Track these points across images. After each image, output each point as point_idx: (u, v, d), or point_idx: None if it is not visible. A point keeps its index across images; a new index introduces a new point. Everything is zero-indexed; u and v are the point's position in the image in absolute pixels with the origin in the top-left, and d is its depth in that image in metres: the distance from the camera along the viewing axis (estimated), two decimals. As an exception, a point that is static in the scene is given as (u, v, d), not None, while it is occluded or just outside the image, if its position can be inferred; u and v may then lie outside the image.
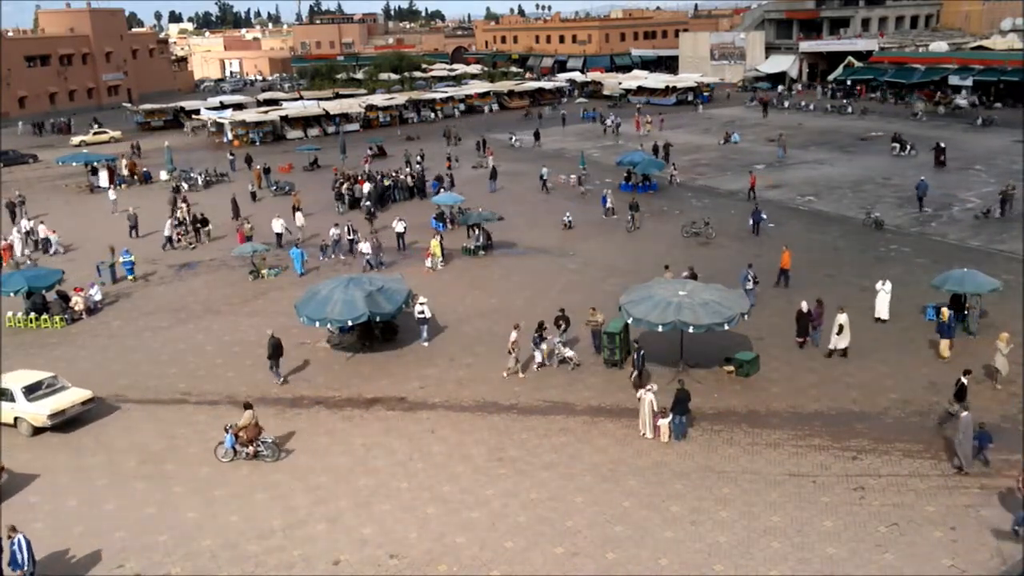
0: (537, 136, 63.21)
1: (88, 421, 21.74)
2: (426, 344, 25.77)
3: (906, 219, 37.58)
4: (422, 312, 25.73)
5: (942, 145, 49.15)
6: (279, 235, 37.60)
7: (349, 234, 35.39)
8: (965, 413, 17.92)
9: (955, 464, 17.98)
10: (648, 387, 20.06)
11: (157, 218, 40.95)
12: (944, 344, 23.26)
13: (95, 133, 72.94)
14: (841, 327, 23.52)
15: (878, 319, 25.80)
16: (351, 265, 33.64)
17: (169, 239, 37.93)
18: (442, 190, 43.96)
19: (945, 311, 23.51)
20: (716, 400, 21.53)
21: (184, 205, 42.28)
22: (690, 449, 19.29)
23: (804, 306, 24.72)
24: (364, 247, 33.33)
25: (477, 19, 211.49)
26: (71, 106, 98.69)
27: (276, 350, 23.48)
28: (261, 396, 22.88)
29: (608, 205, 40.19)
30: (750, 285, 26.96)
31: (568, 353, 23.63)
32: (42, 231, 39.06)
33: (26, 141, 74.86)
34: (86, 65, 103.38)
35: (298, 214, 39.08)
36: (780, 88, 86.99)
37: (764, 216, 36.44)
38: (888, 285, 25.99)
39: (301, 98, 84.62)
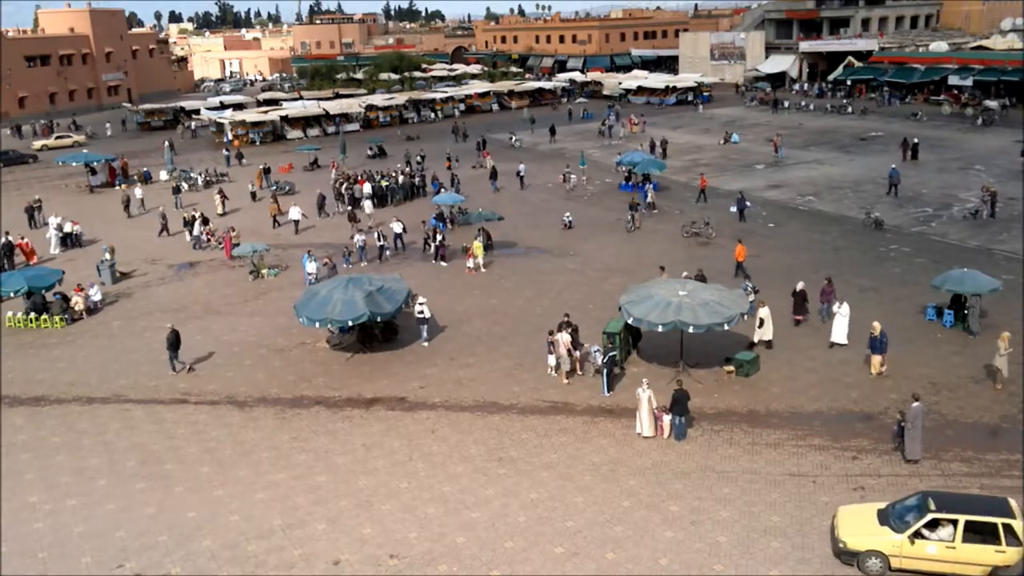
0: (553, 132, 64.42)
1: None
2: (426, 344, 25.77)
3: (906, 219, 37.60)
4: (421, 312, 25.73)
5: (915, 141, 50.62)
6: (296, 222, 39.59)
7: (379, 240, 34.57)
8: (916, 403, 17.96)
9: (906, 457, 18.10)
10: (644, 385, 20.07)
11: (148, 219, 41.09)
12: (875, 360, 22.21)
13: (57, 137, 71.97)
14: (762, 320, 23.91)
15: (833, 344, 24.03)
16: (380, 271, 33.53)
17: (198, 239, 37.70)
18: (443, 190, 43.93)
19: (877, 325, 22.02)
20: (716, 400, 21.53)
21: (219, 197, 43.95)
22: (690, 449, 19.29)
23: (800, 285, 25.87)
24: (309, 266, 31.14)
25: (477, 19, 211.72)
26: (71, 106, 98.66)
27: (173, 342, 24.33)
28: (261, 396, 22.92)
29: (649, 199, 40.76)
30: (751, 297, 26.02)
31: (603, 360, 22.66)
32: (67, 227, 39.20)
33: (4, 143, 74.47)
34: (86, 65, 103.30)
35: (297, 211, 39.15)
36: (795, 88, 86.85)
37: (748, 204, 38.53)
38: (845, 308, 23.91)
39: (301, 98, 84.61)
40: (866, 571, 14.86)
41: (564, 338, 22.87)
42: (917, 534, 14.68)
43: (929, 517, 14.70)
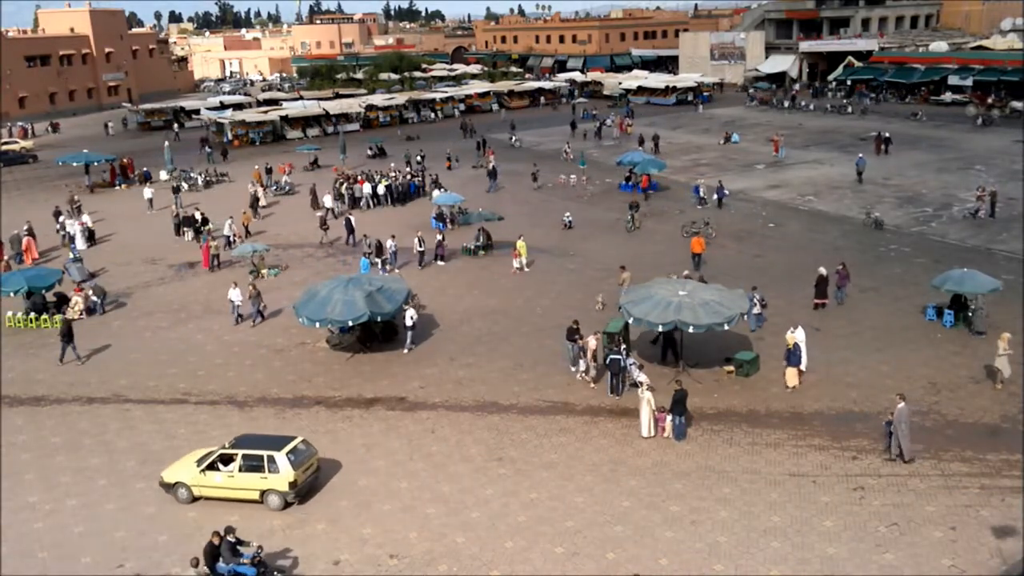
0: (574, 126, 66.26)
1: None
2: (405, 351, 25.31)
3: (906, 219, 37.59)
4: (412, 318, 25.41)
5: (885, 135, 53.10)
6: (330, 210, 41.19)
7: (420, 245, 33.59)
8: (902, 404, 18.02)
9: (895, 454, 18.17)
10: (643, 386, 20.08)
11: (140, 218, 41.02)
12: (791, 372, 21.75)
13: (3, 143, 70.13)
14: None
15: (801, 372, 22.28)
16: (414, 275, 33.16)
17: (228, 239, 37.11)
18: (443, 190, 43.84)
19: (790, 338, 21.77)
20: (716, 400, 21.53)
21: (262, 190, 45.17)
22: (690, 449, 19.29)
23: (823, 271, 26.78)
24: (233, 294, 28.21)
25: (477, 19, 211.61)
26: (71, 106, 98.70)
27: (66, 333, 25.43)
28: (261, 396, 22.91)
29: (701, 195, 41.47)
30: (757, 309, 25.27)
31: (641, 378, 21.39)
32: (76, 226, 39.20)
33: None
34: (86, 65, 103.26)
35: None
36: (795, 87, 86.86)
37: (727, 192, 41.28)
38: (801, 333, 22.36)
39: (301, 98, 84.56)
40: (178, 499, 17.85)
41: (591, 343, 22.72)
42: (210, 467, 17.68)
43: (219, 452, 17.81)
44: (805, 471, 18.13)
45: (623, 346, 22.39)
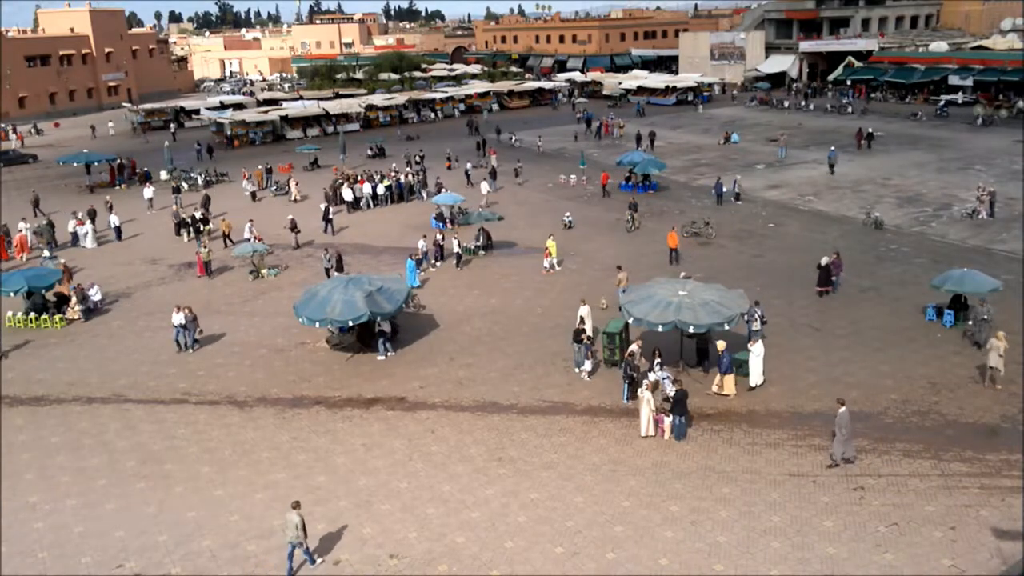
0: (588, 123, 66.72)
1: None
2: (382, 358, 24.96)
3: (906, 219, 37.59)
4: (381, 327, 24.99)
5: (868, 131, 55.19)
6: (348, 204, 42.97)
7: (457, 246, 33.46)
8: (843, 409, 18.08)
9: (842, 457, 18.13)
10: (643, 386, 20.10)
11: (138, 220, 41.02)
12: (727, 380, 21.40)
13: None
14: (582, 319, 24.52)
15: (754, 387, 21.89)
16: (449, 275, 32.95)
17: (247, 242, 36.34)
18: (442, 188, 43.79)
19: (721, 344, 21.31)
20: (716, 400, 21.52)
21: (294, 185, 46.60)
22: (690, 449, 19.29)
23: (824, 260, 27.84)
24: (176, 318, 26.14)
25: (477, 19, 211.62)
26: (71, 106, 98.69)
27: None
28: (261, 396, 22.92)
29: (736, 190, 42.10)
30: (757, 325, 23.81)
31: (673, 392, 20.51)
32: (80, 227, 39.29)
33: None
34: (86, 65, 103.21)
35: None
36: (795, 87, 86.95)
37: (725, 189, 41.69)
38: (759, 347, 21.84)
39: (301, 98, 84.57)
40: None
41: (631, 349, 22.39)
42: None
43: None
44: (805, 471, 18.14)
45: (658, 359, 22.18)
